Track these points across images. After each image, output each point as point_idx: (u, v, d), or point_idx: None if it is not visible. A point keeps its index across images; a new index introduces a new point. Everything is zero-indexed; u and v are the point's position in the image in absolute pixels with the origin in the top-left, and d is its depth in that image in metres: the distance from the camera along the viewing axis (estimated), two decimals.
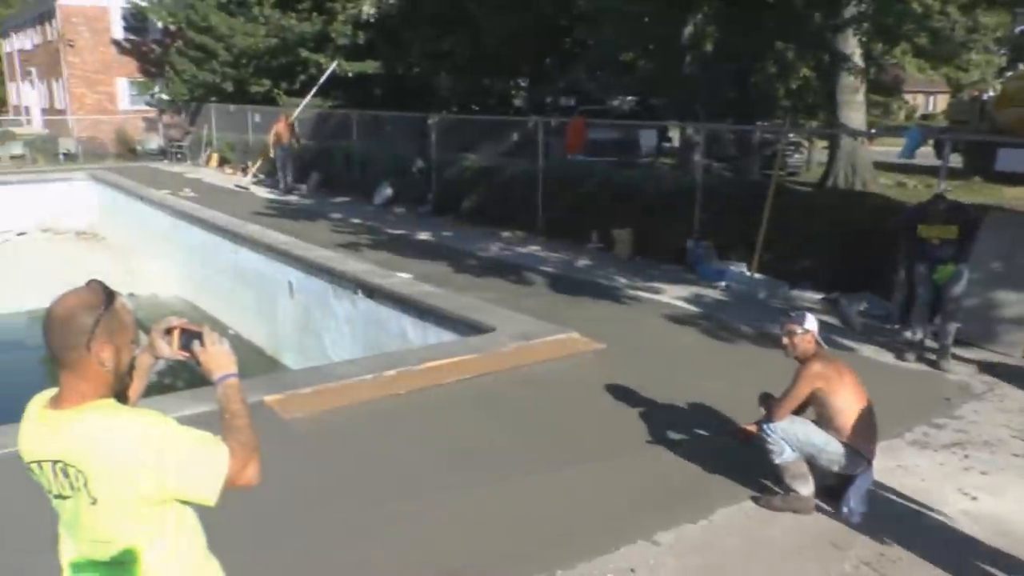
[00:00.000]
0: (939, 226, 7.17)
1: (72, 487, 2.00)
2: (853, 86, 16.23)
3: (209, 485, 2.02)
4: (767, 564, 4.11)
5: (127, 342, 2.08)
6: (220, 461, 2.04)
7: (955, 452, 5.47)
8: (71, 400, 2.01)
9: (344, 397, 6.34)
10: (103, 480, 1.95)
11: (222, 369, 2.26)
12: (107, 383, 2.04)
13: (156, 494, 1.99)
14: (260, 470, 2.13)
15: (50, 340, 1.99)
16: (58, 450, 1.99)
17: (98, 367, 2.01)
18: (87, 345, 1.98)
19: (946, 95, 43.54)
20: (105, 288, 2.06)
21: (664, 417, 5.94)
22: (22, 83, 42.00)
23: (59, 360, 2.00)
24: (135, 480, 1.94)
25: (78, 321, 1.98)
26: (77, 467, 1.96)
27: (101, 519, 2.00)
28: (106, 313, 2.01)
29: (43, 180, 23.03)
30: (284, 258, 12.22)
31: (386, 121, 19.42)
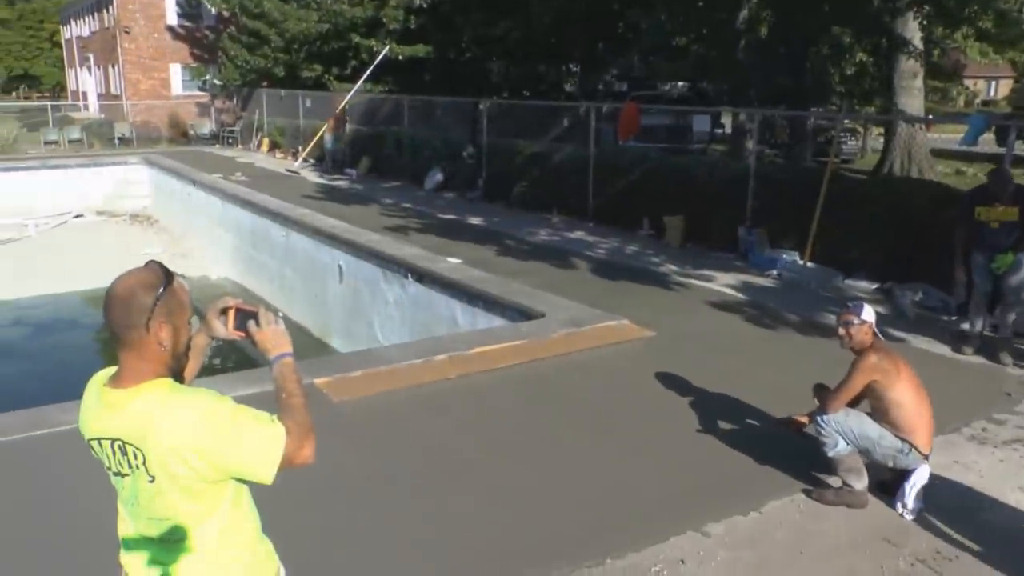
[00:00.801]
0: (999, 208, 6.85)
1: (130, 465, 2.02)
2: (911, 71, 15.89)
3: (266, 465, 2.03)
4: (818, 559, 4.04)
5: (185, 322, 2.10)
6: (277, 441, 2.04)
7: (1016, 449, 5.32)
8: (130, 379, 2.03)
9: (393, 381, 6.37)
10: (161, 459, 1.97)
11: (278, 348, 2.25)
12: (165, 362, 2.06)
13: (213, 473, 2.00)
14: (315, 450, 2.13)
15: (110, 318, 2.02)
16: (117, 428, 2.02)
17: (156, 346, 2.03)
18: (146, 325, 2.00)
19: (1009, 80, 42.46)
20: (164, 268, 2.08)
21: (714, 406, 5.88)
22: (80, 69, 42.86)
23: (119, 338, 2.03)
24: (192, 459, 1.96)
25: (138, 300, 2.00)
26: (136, 445, 1.99)
27: (158, 497, 2.03)
28: (165, 293, 2.03)
29: (99, 164, 23.48)
30: (334, 242, 12.31)
31: (437, 106, 19.45)
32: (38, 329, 14.60)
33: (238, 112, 28.20)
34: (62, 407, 5.37)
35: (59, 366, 12.02)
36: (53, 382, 10.60)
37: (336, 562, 3.95)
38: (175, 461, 1.97)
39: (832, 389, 4.50)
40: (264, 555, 2.24)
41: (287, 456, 2.05)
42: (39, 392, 7.50)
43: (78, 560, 3.91)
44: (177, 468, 1.98)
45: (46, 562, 3.96)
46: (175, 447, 1.96)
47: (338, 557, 4.00)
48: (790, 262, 9.85)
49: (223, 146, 27.53)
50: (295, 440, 2.07)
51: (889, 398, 4.38)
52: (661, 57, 21.17)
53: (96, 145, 27.52)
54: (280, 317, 2.34)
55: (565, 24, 21.62)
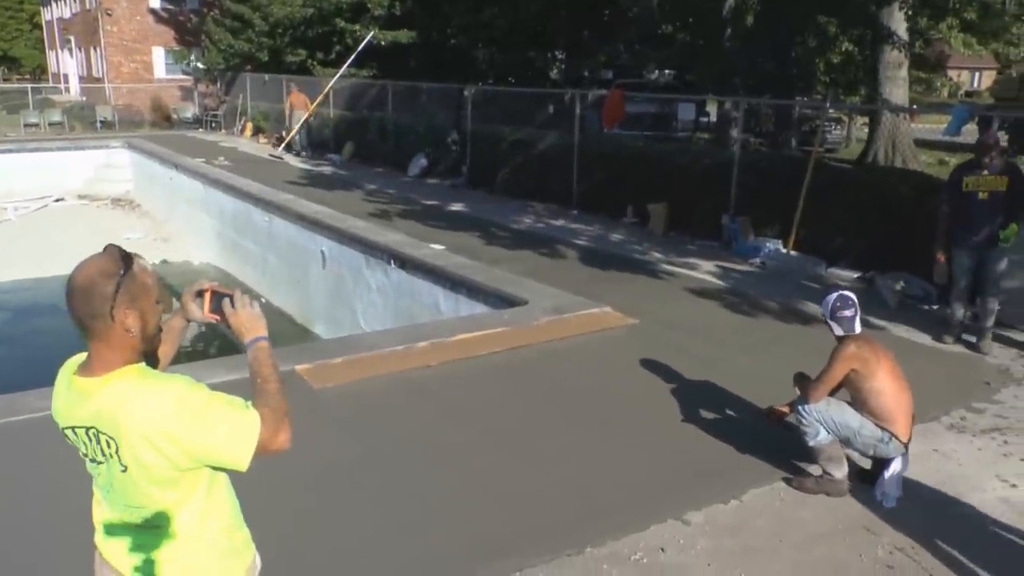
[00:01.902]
0: (987, 176, 6.72)
1: (104, 453, 2.00)
2: (896, 62, 15.89)
3: (240, 451, 2.00)
4: (798, 547, 4.05)
5: (151, 305, 2.05)
6: (251, 427, 2.02)
7: (994, 437, 5.35)
8: (99, 368, 2.00)
9: (375, 368, 6.34)
10: (133, 447, 1.94)
11: (252, 332, 2.22)
12: (135, 348, 2.03)
13: (186, 461, 1.98)
14: (291, 435, 2.10)
15: (73, 310, 1.98)
16: (89, 416, 1.99)
17: (124, 333, 1.99)
18: (110, 313, 1.96)
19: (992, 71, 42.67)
20: (122, 252, 2.03)
21: (696, 394, 5.88)
22: (61, 51, 42.40)
23: (85, 328, 1.99)
24: (165, 446, 1.94)
25: (98, 290, 1.96)
26: (108, 434, 1.96)
27: (132, 485, 2.00)
28: (125, 278, 1.99)
29: (80, 147, 23.24)
30: (317, 227, 12.24)
31: (422, 92, 19.36)
32: (17, 314, 14.45)
33: (221, 96, 28.00)
34: (41, 393, 5.31)
35: (39, 351, 11.91)
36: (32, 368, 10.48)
37: (318, 548, 3.93)
38: (147, 449, 1.94)
39: (813, 378, 4.51)
40: (241, 542, 2.23)
41: (262, 443, 2.02)
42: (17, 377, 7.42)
43: (54, 546, 3.87)
44: (149, 456, 1.95)
45: (21, 548, 3.91)
46: (147, 435, 1.93)
47: (320, 543, 3.98)
48: (773, 250, 9.87)
49: (206, 130, 27.32)
50: (270, 426, 2.04)
51: (869, 387, 4.38)
52: (647, 45, 21.13)
53: (77, 128, 27.26)
54: (258, 301, 2.31)
55: (551, 11, 21.54)
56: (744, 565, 3.87)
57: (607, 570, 3.81)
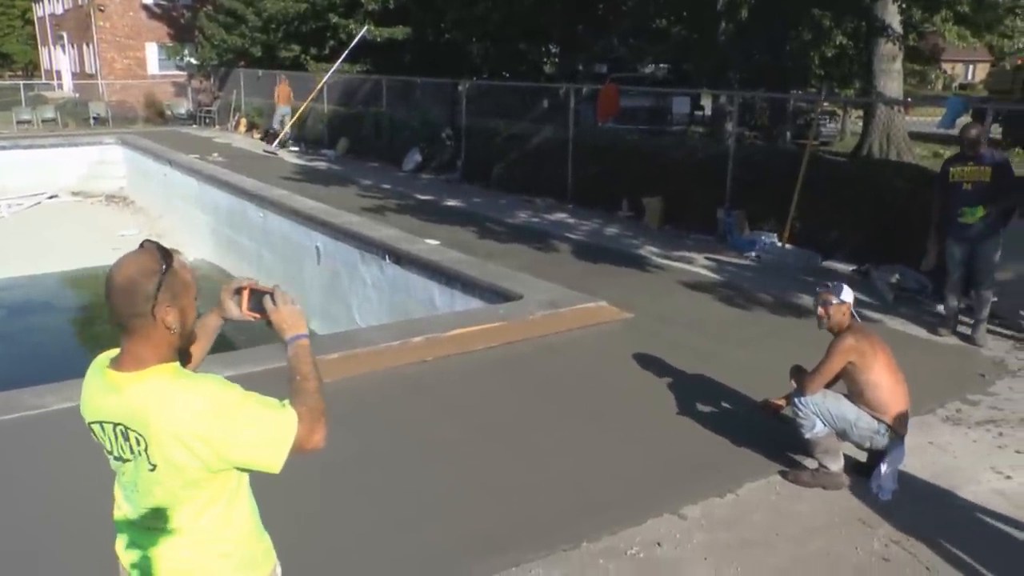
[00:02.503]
0: (971, 167, 6.77)
1: (132, 451, 1.97)
2: (890, 54, 15.89)
3: (274, 453, 1.98)
4: (794, 541, 4.05)
5: (191, 301, 2.03)
6: (287, 428, 1.99)
7: (989, 429, 5.36)
8: (132, 364, 1.96)
9: (370, 363, 6.32)
10: (164, 446, 1.91)
11: (294, 329, 2.19)
12: (172, 345, 2.00)
13: (217, 462, 1.95)
14: (327, 435, 2.08)
15: (115, 308, 1.94)
16: (120, 412, 1.96)
17: (164, 331, 1.97)
18: (152, 312, 1.93)
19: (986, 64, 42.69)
20: (161, 249, 1.99)
21: (692, 388, 5.88)
22: (53, 47, 42.21)
23: (124, 327, 1.96)
24: (197, 447, 1.90)
25: (140, 288, 1.92)
26: (138, 431, 1.93)
27: (158, 485, 1.97)
28: (167, 275, 1.95)
29: (74, 144, 23.18)
30: (311, 223, 12.22)
31: (416, 87, 19.32)
32: (12, 311, 14.40)
33: (215, 92, 27.91)
34: (35, 391, 5.28)
35: (33, 349, 11.91)
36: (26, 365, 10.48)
37: (314, 545, 3.92)
38: (179, 449, 1.91)
39: (810, 371, 4.51)
40: (261, 553, 2.19)
41: (298, 441, 2.00)
42: (11, 375, 7.40)
43: (51, 544, 3.86)
44: (180, 456, 1.91)
45: (15, 547, 3.90)
46: (179, 434, 1.90)
47: (316, 540, 3.97)
48: (769, 244, 9.87)
49: (200, 126, 27.24)
50: (306, 425, 2.02)
51: (866, 380, 4.38)
52: (642, 39, 21.07)
53: (71, 125, 27.16)
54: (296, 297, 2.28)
55: (545, 5, 21.48)
56: (740, 559, 3.87)
57: (603, 565, 3.80)
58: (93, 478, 2.77)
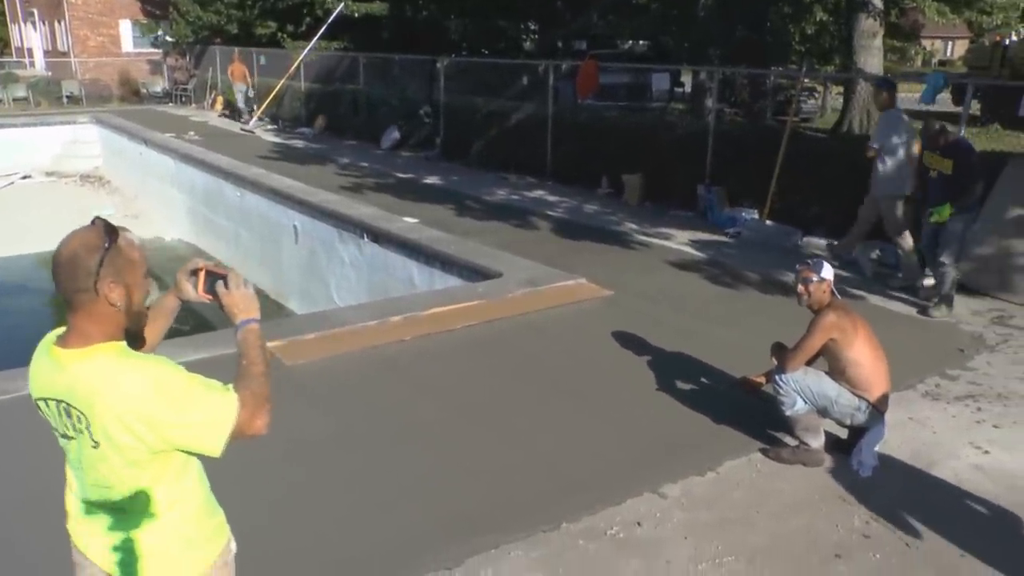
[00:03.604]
0: (936, 156, 6.95)
1: (75, 429, 1.96)
2: (871, 30, 15.87)
3: (215, 436, 1.97)
4: (775, 518, 4.03)
5: (139, 279, 2.02)
6: (228, 411, 1.98)
7: (968, 404, 5.37)
8: (78, 341, 1.96)
9: (348, 343, 6.26)
10: (105, 425, 1.90)
11: (245, 313, 2.20)
12: (118, 324, 1.99)
13: (159, 443, 1.94)
14: (270, 421, 2.06)
15: (59, 284, 1.95)
16: (63, 389, 1.95)
17: (109, 308, 1.96)
18: (95, 287, 1.92)
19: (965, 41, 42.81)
20: (108, 226, 1.98)
21: (672, 365, 5.85)
22: (24, 24, 41.49)
23: (69, 302, 1.95)
24: (138, 428, 1.89)
25: (82, 263, 1.92)
26: (80, 409, 1.92)
27: (102, 463, 1.96)
28: (110, 252, 1.95)
29: (46, 123, 22.79)
30: (289, 202, 12.09)
31: (394, 64, 19.14)
32: None
33: (191, 70, 27.54)
34: (7, 374, 5.19)
35: (7, 332, 11.72)
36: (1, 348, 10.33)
37: (290, 527, 3.86)
38: (120, 429, 1.90)
39: (790, 348, 4.48)
40: (212, 530, 2.18)
41: (239, 427, 1.99)
42: None
43: (21, 532, 3.78)
44: (122, 436, 1.91)
45: None
46: (121, 415, 1.89)
47: (292, 521, 3.91)
48: (749, 220, 9.84)
49: (176, 105, 26.90)
50: (249, 410, 2.01)
51: (847, 357, 4.36)
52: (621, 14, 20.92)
53: (43, 104, 26.75)
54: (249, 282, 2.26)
55: None
56: (721, 537, 3.85)
57: (583, 545, 3.77)
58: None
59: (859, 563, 3.69)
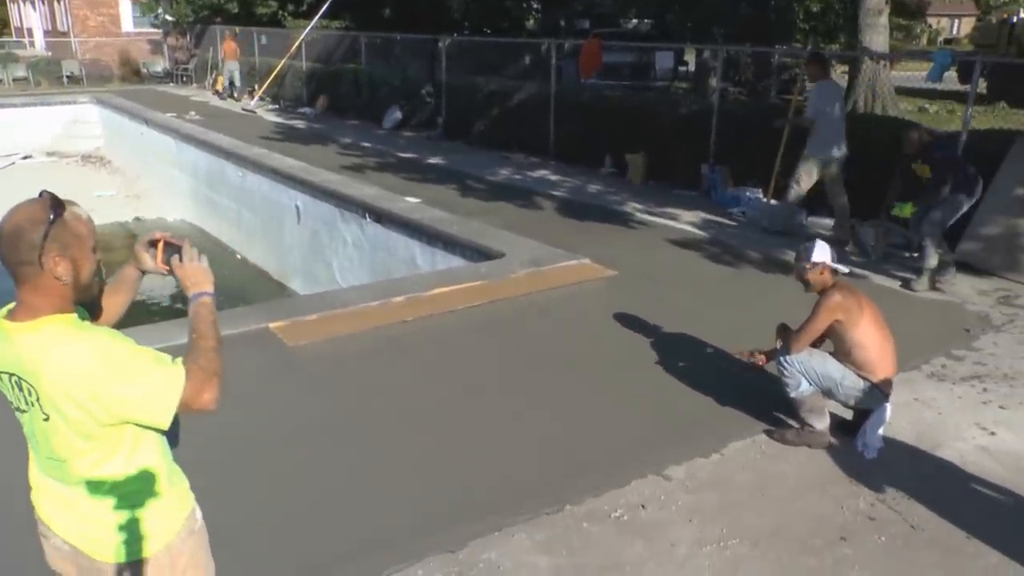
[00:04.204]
0: (919, 165, 7.15)
1: (26, 402, 1.97)
2: (876, 8, 15.70)
3: (160, 409, 1.96)
4: (779, 500, 4.01)
5: (86, 253, 2.00)
6: (174, 384, 1.96)
7: (973, 385, 5.33)
8: (25, 314, 1.95)
9: (350, 324, 6.23)
10: (53, 398, 1.90)
11: (197, 287, 2.19)
12: (65, 296, 1.98)
13: (106, 416, 1.93)
14: (218, 396, 2.03)
15: (2, 257, 1.93)
16: (13, 363, 1.95)
17: (54, 281, 1.94)
18: (39, 260, 1.91)
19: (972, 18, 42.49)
20: (54, 199, 1.96)
21: (676, 346, 5.82)
22: (23, 4, 41.28)
23: (13, 276, 1.95)
24: (84, 400, 1.89)
25: (26, 236, 1.91)
26: (29, 382, 1.93)
27: (54, 435, 1.97)
28: (54, 226, 1.93)
29: (47, 103, 22.76)
30: (291, 182, 12.04)
31: (395, 43, 19.01)
32: None
33: (192, 50, 27.41)
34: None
35: None
36: None
37: (291, 507, 3.84)
38: (67, 401, 1.90)
39: (795, 329, 4.44)
40: (176, 497, 2.17)
41: (184, 400, 1.97)
42: None
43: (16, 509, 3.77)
44: (69, 408, 1.91)
45: None
46: (66, 386, 1.89)
47: (293, 502, 3.89)
48: (753, 199, 9.77)
49: (177, 85, 26.82)
50: (196, 384, 1.99)
51: (852, 338, 4.32)
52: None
53: (43, 84, 26.68)
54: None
55: None
56: (726, 520, 3.82)
57: (587, 528, 3.75)
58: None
59: (864, 545, 3.67)
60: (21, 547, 2.69)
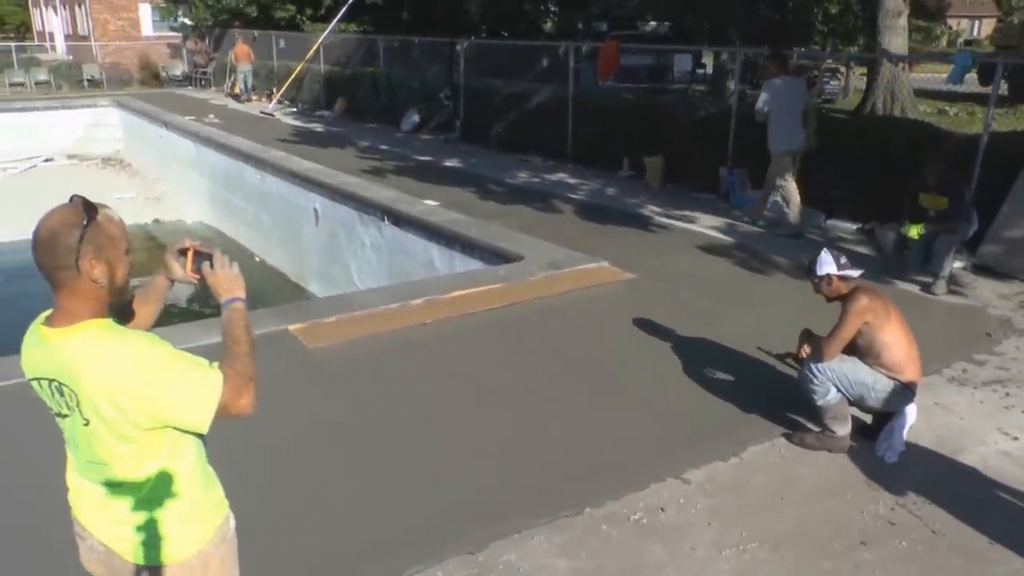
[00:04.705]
0: (931, 196, 7.07)
1: (67, 407, 1.98)
2: (896, 10, 15.62)
3: (199, 413, 1.97)
4: (798, 504, 3.99)
5: (120, 255, 2.02)
6: (212, 389, 1.98)
7: (995, 390, 5.29)
8: (64, 319, 1.96)
9: (369, 326, 6.25)
10: (93, 401, 1.91)
11: (229, 293, 2.21)
12: (102, 300, 1.99)
13: (145, 420, 1.94)
14: (255, 401, 2.05)
15: (39, 261, 1.94)
16: (53, 368, 1.96)
17: (91, 284, 1.96)
18: (76, 264, 1.92)
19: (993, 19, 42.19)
20: (86, 203, 1.98)
21: (695, 349, 5.81)
22: (45, 9, 41.68)
23: (51, 281, 1.96)
24: (123, 403, 1.90)
25: (62, 241, 1.92)
26: (70, 387, 1.94)
27: (95, 440, 1.98)
28: (89, 229, 1.94)
29: (68, 107, 22.93)
30: (309, 184, 12.09)
31: (413, 46, 19.06)
32: (9, 276, 14.28)
33: (210, 53, 27.56)
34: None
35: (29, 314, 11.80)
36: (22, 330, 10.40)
37: (310, 509, 3.86)
38: (106, 404, 1.91)
39: (825, 336, 4.39)
40: (211, 504, 2.19)
41: (223, 405, 1.99)
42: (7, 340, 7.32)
43: (42, 511, 3.80)
44: (109, 412, 1.92)
45: (8, 513, 3.84)
46: (106, 390, 1.89)
47: (312, 504, 3.91)
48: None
49: (196, 88, 26.96)
50: (233, 389, 2.00)
51: (881, 339, 4.29)
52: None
53: (64, 87, 26.88)
54: (251, 263, 2.26)
55: None
56: (745, 523, 3.81)
57: (606, 531, 3.75)
58: None
59: (885, 550, 3.65)
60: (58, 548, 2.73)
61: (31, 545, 3.60)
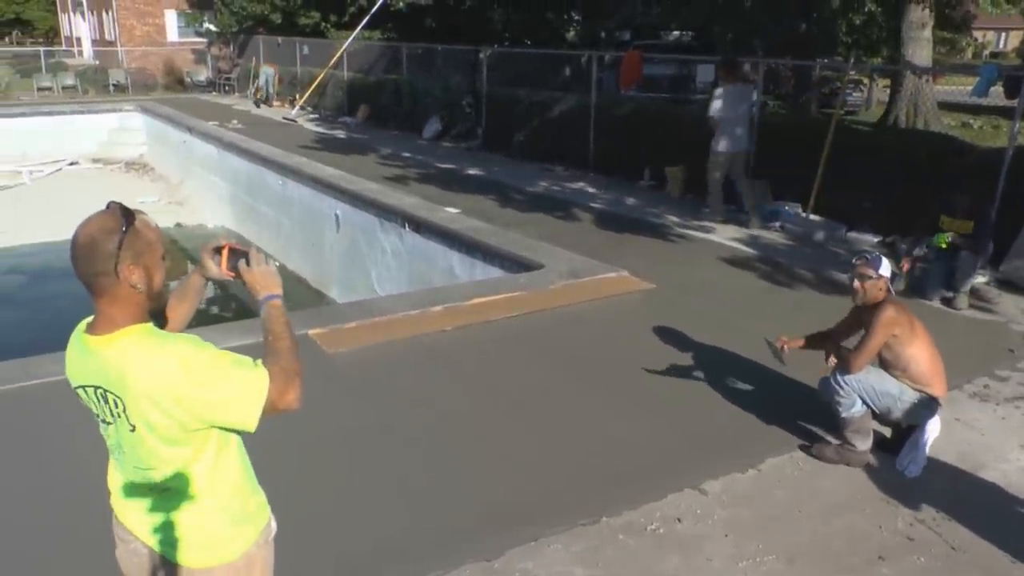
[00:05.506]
0: (957, 221, 7.06)
1: (112, 413, 2.00)
2: (920, 21, 15.55)
3: (247, 411, 1.98)
4: (816, 518, 3.97)
5: (157, 260, 2.04)
6: (258, 386, 1.99)
7: (1018, 406, 5.25)
8: (106, 326, 1.98)
9: (388, 332, 6.28)
10: (139, 406, 1.93)
11: (267, 290, 2.21)
12: (141, 305, 2.01)
13: (192, 421, 1.96)
14: (301, 395, 2.07)
15: (78, 269, 1.96)
16: (97, 376, 1.98)
17: (130, 290, 1.97)
18: (115, 270, 1.94)
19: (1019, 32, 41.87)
20: (123, 209, 2.01)
21: (714, 360, 5.79)
22: (73, 14, 42.19)
23: (90, 288, 1.97)
24: (170, 407, 1.92)
25: (101, 247, 1.93)
26: (115, 393, 1.95)
27: (141, 445, 2.00)
28: (127, 234, 1.96)
29: (93, 111, 23.20)
30: (331, 190, 12.16)
31: (437, 54, 19.14)
32: (33, 278, 14.47)
33: (235, 59, 27.80)
34: (56, 357, 5.21)
35: (54, 315, 11.91)
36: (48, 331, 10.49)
37: (328, 513, 3.88)
38: (153, 409, 1.92)
39: (854, 348, 4.36)
40: (255, 507, 2.21)
41: (270, 401, 2.00)
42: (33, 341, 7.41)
43: (71, 510, 3.84)
44: (155, 416, 1.93)
45: (39, 512, 3.89)
46: (152, 395, 1.91)
47: (331, 509, 3.94)
48: (793, 214, 9.72)
49: (220, 94, 27.20)
50: (279, 384, 2.02)
51: (909, 352, 4.26)
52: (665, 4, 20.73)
53: (90, 92, 27.20)
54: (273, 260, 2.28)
55: None
56: (762, 536, 3.80)
57: (623, 540, 3.75)
58: None
59: (903, 565, 3.63)
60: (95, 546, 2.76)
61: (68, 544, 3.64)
